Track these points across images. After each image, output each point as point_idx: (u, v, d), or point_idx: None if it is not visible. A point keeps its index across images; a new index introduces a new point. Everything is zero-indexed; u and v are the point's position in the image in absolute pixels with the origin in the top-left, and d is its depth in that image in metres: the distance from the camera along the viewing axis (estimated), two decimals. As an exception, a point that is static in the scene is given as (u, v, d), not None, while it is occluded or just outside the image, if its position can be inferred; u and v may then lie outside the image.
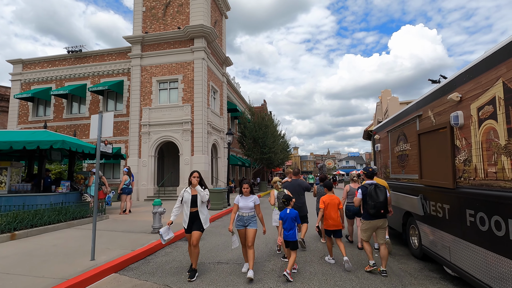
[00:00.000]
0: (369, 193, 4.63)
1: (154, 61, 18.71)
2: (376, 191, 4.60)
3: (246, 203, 4.69)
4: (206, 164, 17.45)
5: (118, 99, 20.06)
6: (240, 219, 4.71)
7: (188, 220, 4.67)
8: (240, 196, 4.80)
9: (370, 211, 4.61)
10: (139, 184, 17.70)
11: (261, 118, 24.23)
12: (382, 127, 7.47)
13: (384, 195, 4.58)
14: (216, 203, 12.30)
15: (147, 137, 17.94)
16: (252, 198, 4.75)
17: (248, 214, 4.68)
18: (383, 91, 26.02)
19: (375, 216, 4.63)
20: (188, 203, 4.66)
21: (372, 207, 4.56)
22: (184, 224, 4.74)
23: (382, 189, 4.64)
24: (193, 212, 4.68)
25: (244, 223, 4.67)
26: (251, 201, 4.71)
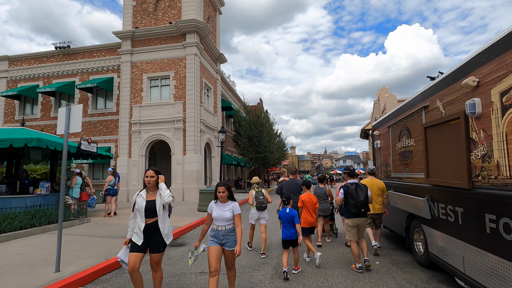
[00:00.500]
0: (350, 193, 4.74)
1: (145, 57, 18.05)
2: (357, 190, 4.73)
3: (222, 212, 3.50)
4: (199, 164, 16.85)
5: (108, 96, 19.37)
6: (215, 234, 3.51)
7: (143, 235, 3.40)
8: (214, 202, 3.64)
9: (351, 210, 4.74)
10: (129, 184, 17.05)
11: (256, 117, 23.65)
12: (383, 122, 6.93)
13: (364, 195, 4.71)
14: (207, 205, 11.66)
15: (138, 136, 17.30)
16: (230, 206, 3.54)
17: (225, 228, 3.48)
18: (381, 88, 25.56)
19: (356, 215, 4.75)
20: (142, 211, 3.42)
21: (353, 206, 4.69)
22: (135, 239, 3.42)
23: (363, 189, 4.77)
24: (150, 224, 3.45)
25: (220, 240, 3.48)
26: (228, 210, 3.50)
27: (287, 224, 4.60)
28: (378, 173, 7.39)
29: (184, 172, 16.57)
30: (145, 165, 17.34)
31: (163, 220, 3.56)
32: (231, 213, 3.51)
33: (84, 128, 18.91)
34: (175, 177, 16.64)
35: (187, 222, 9.09)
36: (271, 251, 6.17)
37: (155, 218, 3.48)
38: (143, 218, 3.44)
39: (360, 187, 4.78)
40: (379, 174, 7.34)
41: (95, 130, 18.82)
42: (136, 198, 3.56)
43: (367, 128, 43.01)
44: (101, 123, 18.83)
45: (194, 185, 16.31)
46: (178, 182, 16.55)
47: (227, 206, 3.55)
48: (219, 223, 3.52)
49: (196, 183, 16.37)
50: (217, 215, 3.52)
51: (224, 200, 3.57)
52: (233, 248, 3.48)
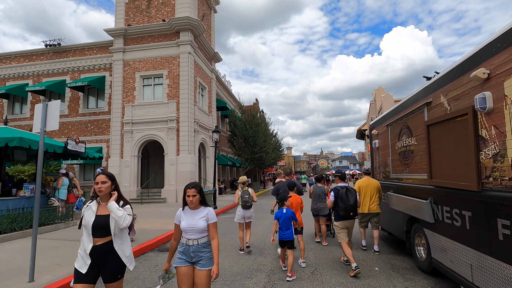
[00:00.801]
0: (341, 196, 4.84)
1: (137, 55, 17.65)
2: (347, 194, 4.82)
3: (193, 221, 2.73)
4: (193, 165, 16.48)
5: (99, 96, 18.92)
6: (185, 250, 2.74)
7: (90, 260, 2.51)
8: (182, 210, 2.86)
9: (340, 213, 4.83)
10: (121, 186, 16.60)
11: (251, 116, 23.34)
12: (381, 120, 6.65)
13: (354, 198, 4.82)
14: (200, 206, 11.35)
15: (130, 135, 16.88)
16: (203, 214, 2.78)
17: (197, 242, 2.73)
18: (377, 89, 25.43)
19: (345, 218, 4.86)
20: (89, 228, 2.56)
21: (342, 209, 4.78)
22: (79, 265, 2.53)
23: (353, 193, 4.88)
24: (100, 245, 2.54)
25: (189, 257, 2.72)
26: (201, 219, 2.74)
27: (284, 224, 4.57)
28: (376, 173, 7.12)
29: (177, 173, 16.20)
30: (137, 165, 16.94)
31: (122, 240, 2.65)
32: (205, 222, 2.73)
33: (75, 128, 18.45)
34: (168, 178, 16.26)
35: (178, 225, 8.74)
36: (265, 256, 5.86)
37: (108, 238, 2.57)
38: (90, 237, 2.54)
39: (350, 191, 4.87)
40: (377, 175, 7.06)
41: (86, 130, 18.36)
42: (84, 211, 2.65)
43: (363, 129, 42.92)
44: (93, 122, 18.38)
45: (187, 186, 15.91)
46: (171, 183, 16.17)
47: (199, 213, 2.77)
48: (189, 236, 2.73)
49: (189, 184, 15.98)
50: (187, 225, 2.72)
51: (195, 206, 2.77)
52: (208, 268, 2.69)
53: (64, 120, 18.63)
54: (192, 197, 2.73)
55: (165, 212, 11.88)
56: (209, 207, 2.87)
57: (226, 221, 10.29)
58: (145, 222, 9.25)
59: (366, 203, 5.85)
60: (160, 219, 10.00)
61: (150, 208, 13.43)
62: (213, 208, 11.33)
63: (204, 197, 2.86)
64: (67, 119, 18.60)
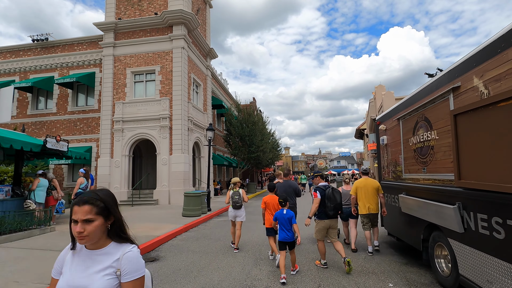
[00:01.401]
0: (328, 196, 4.89)
1: (128, 50, 16.87)
2: (333, 193, 4.90)
3: (82, 278, 1.31)
4: (186, 164, 15.73)
5: (89, 93, 18.12)
6: None
7: None
8: (69, 249, 1.41)
9: (329, 212, 4.86)
10: (111, 187, 15.80)
11: (247, 115, 22.60)
12: (391, 114, 5.94)
13: (340, 197, 4.94)
14: (192, 209, 10.60)
15: (120, 134, 16.09)
16: (109, 260, 1.35)
17: None
18: (377, 86, 24.77)
19: (333, 216, 4.92)
20: None
21: (331, 209, 4.82)
22: None
23: (338, 192, 5.01)
24: None
25: None
26: (102, 272, 1.31)
27: (284, 225, 4.55)
28: (384, 173, 6.42)
29: (170, 173, 15.43)
30: (128, 166, 16.15)
31: None
32: (111, 280, 1.31)
33: (64, 127, 17.64)
34: (160, 179, 15.49)
35: (167, 230, 7.99)
36: (260, 268, 5.13)
37: None
38: None
39: (335, 190, 4.97)
40: (385, 175, 6.37)
41: (75, 128, 17.55)
42: None
43: (362, 128, 42.34)
44: (82, 121, 17.57)
45: (181, 187, 15.18)
46: (164, 184, 15.40)
47: (101, 258, 1.35)
48: None
49: (183, 185, 15.24)
50: (67, 286, 1.31)
51: (93, 243, 1.36)
52: None
53: (52, 119, 17.81)
54: (83, 224, 1.29)
55: (154, 215, 11.11)
56: (129, 244, 1.43)
57: (220, 225, 9.55)
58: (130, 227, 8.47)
59: (364, 204, 5.81)
60: (148, 223, 9.23)
61: (140, 210, 12.66)
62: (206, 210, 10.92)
63: (118, 221, 1.44)
64: (55, 117, 17.78)
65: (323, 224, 4.95)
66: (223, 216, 11.50)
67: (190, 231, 8.55)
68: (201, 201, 11.25)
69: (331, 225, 4.97)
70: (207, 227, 9.21)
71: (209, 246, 6.70)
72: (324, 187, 5.04)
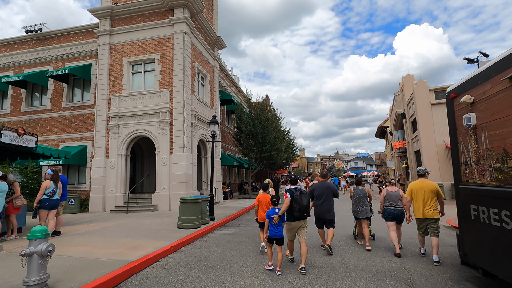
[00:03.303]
0: (295, 198, 4.98)
1: (125, 38, 15.16)
2: (301, 196, 4.99)
3: None
4: (189, 165, 13.75)
5: (85, 87, 16.54)
6: None
7: None
8: None
9: (295, 214, 4.96)
10: (105, 191, 14.08)
11: (260, 110, 20.44)
12: (485, 75, 3.63)
13: (307, 200, 5.00)
14: (189, 219, 8.55)
15: (116, 131, 14.34)
16: None
17: None
18: (405, 76, 22.04)
19: (299, 218, 5.00)
20: None
21: (297, 211, 4.93)
22: None
23: (306, 194, 5.07)
24: None
25: None
26: None
27: (275, 223, 4.88)
28: (468, 173, 4.09)
29: (171, 175, 13.51)
30: (125, 166, 14.35)
31: None
32: None
33: (58, 124, 16.11)
34: (160, 181, 13.59)
35: (148, 250, 5.94)
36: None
37: None
38: None
39: (303, 193, 5.05)
40: (470, 175, 4.05)
41: (70, 126, 15.98)
42: None
43: (384, 126, 39.32)
44: (77, 117, 15.98)
45: (182, 191, 13.22)
46: (163, 187, 13.48)
47: None
48: None
49: (185, 189, 13.27)
50: None
51: None
52: None
53: (46, 116, 16.33)
54: None
55: (145, 225, 9.14)
56: None
57: (222, 240, 7.42)
58: (103, 244, 6.50)
59: (419, 208, 5.39)
60: (130, 238, 7.24)
61: (132, 219, 10.76)
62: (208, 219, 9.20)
63: None
64: (49, 115, 16.29)
65: (290, 225, 5.12)
66: (228, 227, 9.38)
67: (180, 251, 6.47)
68: (201, 209, 9.19)
69: (300, 225, 5.07)
70: (205, 244, 7.11)
71: (199, 281, 4.58)
72: (294, 189, 5.09)
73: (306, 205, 4.94)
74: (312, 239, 7.14)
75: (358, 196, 6.73)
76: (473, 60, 18.20)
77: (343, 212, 12.52)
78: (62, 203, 7.84)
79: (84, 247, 6.31)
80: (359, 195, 6.73)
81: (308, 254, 5.51)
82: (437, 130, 17.47)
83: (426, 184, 5.32)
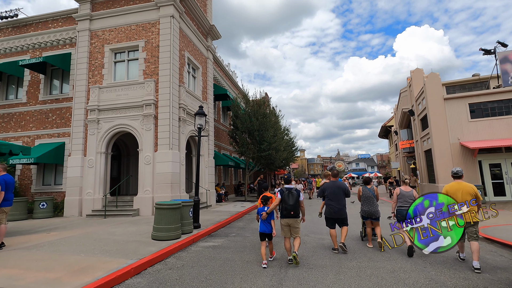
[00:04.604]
0: (283, 198, 5.21)
1: (107, 23, 13.68)
2: (288, 196, 5.18)
3: None
4: (175, 164, 12.24)
5: (65, 78, 15.06)
6: None
7: None
8: None
9: (283, 212, 5.21)
10: (82, 193, 12.57)
11: (257, 106, 18.92)
12: None
13: (294, 200, 5.15)
14: (165, 229, 7.03)
15: (96, 126, 12.84)
16: None
17: None
18: (414, 70, 20.53)
19: (287, 216, 5.19)
20: None
21: (284, 209, 5.19)
22: None
23: (294, 194, 5.19)
24: None
25: None
26: None
27: (265, 220, 5.16)
28: None
29: (154, 176, 12.00)
30: (105, 165, 12.84)
31: None
32: None
33: (34, 119, 14.62)
34: (143, 183, 12.08)
35: (97, 275, 4.41)
36: None
37: None
38: None
39: (291, 193, 5.19)
40: None
41: (47, 121, 14.48)
42: None
43: (388, 125, 37.75)
44: (55, 112, 14.48)
45: (167, 194, 11.71)
46: (146, 189, 11.97)
47: None
48: None
49: (170, 191, 11.75)
50: None
51: None
52: None
53: (21, 110, 14.84)
54: None
55: (115, 234, 7.61)
56: None
57: (203, 257, 5.87)
58: (43, 265, 4.97)
59: None
60: (85, 254, 5.71)
61: (106, 225, 9.24)
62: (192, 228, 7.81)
63: None
64: (25, 108, 14.80)
65: (283, 222, 5.28)
66: (215, 238, 7.85)
67: (143, 274, 4.93)
68: (181, 215, 7.67)
69: (291, 223, 5.21)
70: (180, 262, 5.58)
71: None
72: (285, 189, 5.26)
73: (293, 205, 5.13)
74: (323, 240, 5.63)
75: (368, 196, 6.59)
76: (489, 51, 16.73)
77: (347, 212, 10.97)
78: (5, 209, 6.31)
79: (14, 269, 4.79)
80: (368, 195, 6.59)
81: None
82: (451, 127, 15.95)
83: (464, 186, 5.05)
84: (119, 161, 16.41)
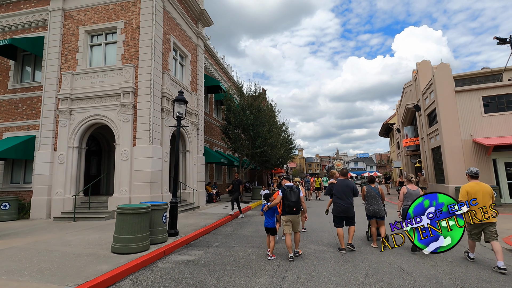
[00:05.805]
0: (285, 195, 5.32)
1: (83, 1, 12.21)
2: (290, 193, 5.29)
3: None
4: (156, 160, 10.80)
5: (37, 65, 13.56)
6: None
7: None
8: None
9: (285, 209, 5.31)
10: (52, 192, 11.13)
11: (252, 99, 17.49)
12: None
13: (296, 196, 5.27)
14: (128, 239, 5.60)
15: (67, 117, 11.39)
16: None
17: None
18: (420, 63, 19.16)
19: (289, 213, 5.32)
20: None
21: (286, 206, 5.29)
22: None
23: (296, 191, 5.31)
24: None
25: None
26: None
27: (268, 215, 5.51)
28: None
29: (132, 173, 10.57)
30: (77, 162, 11.39)
31: None
32: None
33: (3, 110, 13.12)
34: (119, 181, 10.65)
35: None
36: None
37: None
38: None
39: (293, 190, 5.30)
40: None
41: (16, 112, 12.98)
42: None
43: (390, 123, 36.44)
44: (25, 102, 12.99)
45: (146, 194, 10.28)
46: (123, 188, 10.54)
47: None
48: None
49: (149, 191, 10.32)
50: None
51: None
52: None
53: (-12, 99, 13.33)
54: None
55: (68, 246, 6.16)
56: None
57: (171, 280, 4.43)
58: None
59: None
60: (8, 278, 4.28)
61: (67, 231, 7.80)
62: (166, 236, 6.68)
63: None
64: (-8, 98, 13.30)
65: (284, 218, 5.39)
66: (193, 248, 6.42)
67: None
68: (152, 221, 6.25)
69: (292, 219, 5.35)
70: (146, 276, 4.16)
71: None
72: (286, 187, 5.39)
73: (295, 201, 5.25)
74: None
75: (372, 195, 6.55)
76: (505, 40, 15.37)
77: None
78: None
79: None
80: (373, 194, 6.56)
81: None
82: (462, 122, 14.59)
83: (484, 187, 5.03)
84: (99, 157, 14.94)
